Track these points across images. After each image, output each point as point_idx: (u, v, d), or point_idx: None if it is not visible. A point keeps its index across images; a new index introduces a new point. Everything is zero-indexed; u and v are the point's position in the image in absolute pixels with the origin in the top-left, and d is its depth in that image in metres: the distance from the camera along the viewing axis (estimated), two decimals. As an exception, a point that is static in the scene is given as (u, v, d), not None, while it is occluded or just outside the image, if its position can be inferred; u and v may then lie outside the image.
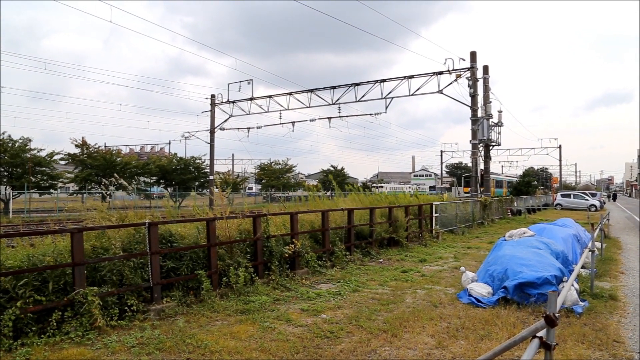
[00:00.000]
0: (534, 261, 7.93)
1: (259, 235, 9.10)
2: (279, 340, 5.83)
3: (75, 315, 6.08)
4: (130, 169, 40.06)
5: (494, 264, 8.39)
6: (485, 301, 7.55)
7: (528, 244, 8.91)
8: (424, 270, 10.82)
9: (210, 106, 35.87)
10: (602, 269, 10.36)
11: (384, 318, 6.80)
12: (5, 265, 6.07)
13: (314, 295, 8.15)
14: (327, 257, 11.01)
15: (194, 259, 8.11)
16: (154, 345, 5.61)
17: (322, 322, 6.60)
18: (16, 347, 5.43)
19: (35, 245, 7.04)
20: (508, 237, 9.92)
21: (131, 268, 7.04)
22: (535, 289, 7.33)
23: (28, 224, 23.07)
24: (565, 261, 8.88)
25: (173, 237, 8.13)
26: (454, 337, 5.99)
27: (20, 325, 5.73)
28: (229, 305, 7.35)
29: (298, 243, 9.85)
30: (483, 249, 14.47)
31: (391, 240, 14.23)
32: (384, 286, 9.07)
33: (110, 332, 6.06)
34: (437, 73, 26.35)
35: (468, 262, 11.89)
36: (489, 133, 26.56)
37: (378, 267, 11.19)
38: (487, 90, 26.41)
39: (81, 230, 6.51)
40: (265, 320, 6.63)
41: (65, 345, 5.62)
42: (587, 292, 7.97)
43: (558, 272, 7.58)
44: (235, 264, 8.40)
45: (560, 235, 10.47)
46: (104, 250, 7.08)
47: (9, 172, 31.61)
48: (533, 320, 6.56)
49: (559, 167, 67.82)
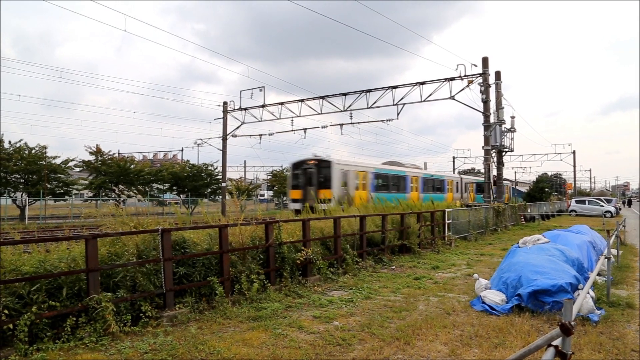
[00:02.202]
0: (548, 268, 7.83)
1: (271, 242, 9.11)
2: (291, 348, 5.82)
3: (89, 320, 6.13)
4: (143, 176, 40.39)
5: (508, 271, 8.30)
6: (499, 309, 7.47)
7: (542, 251, 8.80)
8: (436, 277, 10.74)
9: (223, 113, 36.08)
10: (619, 277, 10.20)
11: (396, 325, 6.76)
12: (20, 271, 6.16)
13: (326, 302, 8.13)
14: (339, 264, 10.99)
15: (206, 265, 8.15)
16: (166, 352, 5.63)
17: (334, 330, 6.58)
18: (31, 352, 5.49)
19: (51, 251, 7.12)
20: (522, 244, 9.81)
21: (144, 274, 7.10)
22: (550, 297, 7.24)
23: (43, 230, 23.35)
24: (581, 268, 8.75)
25: (186, 243, 8.17)
26: (467, 345, 5.93)
27: (35, 330, 5.80)
28: (241, 312, 7.36)
29: (310, 250, 9.85)
30: (496, 255, 14.34)
31: (403, 247, 14.16)
32: (397, 293, 9.02)
33: (123, 338, 6.11)
34: (449, 79, 26.26)
35: (481, 269, 11.78)
36: (502, 139, 26.36)
37: (390, 274, 11.14)
38: (500, 95, 26.24)
39: (95, 237, 6.57)
40: (277, 327, 6.63)
41: (79, 350, 5.67)
42: (603, 300, 7.85)
43: (573, 280, 7.48)
44: (247, 270, 8.42)
45: (575, 242, 10.34)
46: (118, 257, 7.15)
47: (25, 179, 32.05)
48: (548, 329, 6.47)
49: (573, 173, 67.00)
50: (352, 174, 26.33)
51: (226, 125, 36.16)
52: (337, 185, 24.79)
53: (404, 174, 32.56)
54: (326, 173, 25.12)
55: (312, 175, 25.54)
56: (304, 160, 26.14)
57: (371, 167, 28.89)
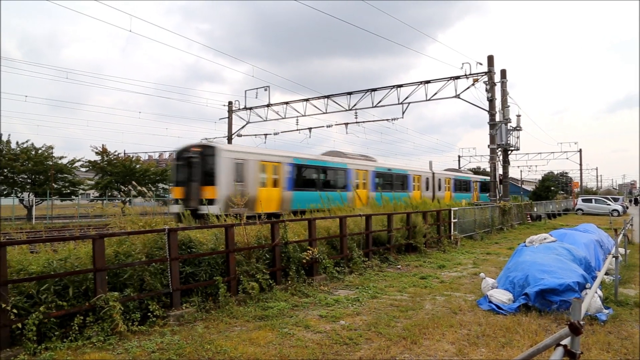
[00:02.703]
0: (555, 267, 7.80)
1: (277, 241, 9.12)
2: (298, 347, 5.82)
3: (96, 320, 6.16)
4: (149, 176, 40.51)
5: (515, 270, 8.27)
6: (506, 308, 7.45)
7: (549, 250, 8.77)
8: (443, 276, 10.72)
9: (228, 113, 36.16)
10: (627, 276, 10.14)
11: (403, 325, 6.75)
12: (28, 271, 6.20)
13: (332, 302, 8.14)
14: (345, 263, 10.99)
15: (212, 265, 8.17)
16: (173, 351, 5.65)
17: (340, 329, 6.58)
18: (40, 351, 5.53)
19: (58, 251, 7.16)
20: (528, 243, 9.77)
21: (151, 274, 7.12)
22: (558, 296, 7.21)
23: (50, 229, 23.47)
24: (588, 267, 8.71)
25: (192, 243, 8.20)
26: (474, 344, 5.92)
27: (43, 329, 5.84)
28: (247, 311, 7.38)
29: (316, 249, 9.85)
30: (503, 255, 14.29)
31: (409, 246, 14.13)
32: (403, 292, 9.01)
33: (130, 337, 6.13)
34: (454, 78, 26.19)
35: (487, 268, 11.75)
36: (508, 137, 26.26)
37: (396, 273, 11.12)
38: (505, 94, 26.16)
39: (102, 237, 6.60)
40: (283, 327, 6.64)
41: (87, 349, 5.69)
42: (611, 300, 7.81)
43: (581, 279, 7.45)
44: (253, 270, 8.44)
45: (582, 241, 10.29)
46: (125, 256, 7.18)
47: (32, 179, 32.23)
48: (555, 328, 6.45)
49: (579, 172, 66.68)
50: (253, 165, 19.74)
51: (231, 124, 36.24)
52: (225, 181, 18.29)
53: (343, 166, 25.51)
54: (210, 164, 18.56)
55: (195, 167, 18.93)
56: (189, 146, 19.51)
57: (287, 157, 21.77)
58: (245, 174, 19.35)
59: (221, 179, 18.27)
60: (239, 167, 19.13)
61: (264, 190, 20.01)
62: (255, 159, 19.89)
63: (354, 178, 26.11)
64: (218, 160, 18.43)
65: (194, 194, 18.33)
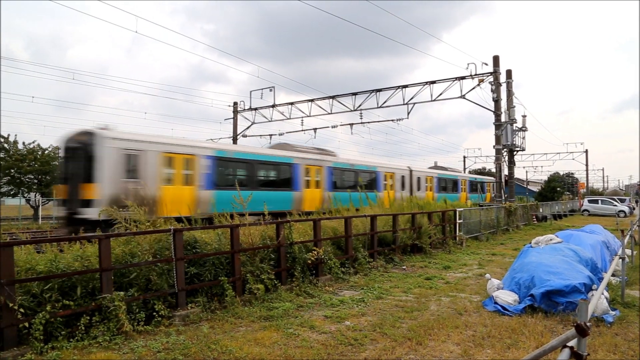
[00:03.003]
0: (561, 269, 7.77)
1: (282, 241, 9.13)
2: (303, 347, 5.83)
3: (102, 319, 6.19)
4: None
5: (520, 271, 8.24)
6: (512, 309, 7.42)
7: (555, 251, 8.73)
8: (448, 277, 10.70)
9: (233, 113, 36.23)
10: (633, 277, 10.08)
11: (408, 326, 6.74)
12: (35, 270, 6.23)
13: (337, 302, 8.14)
14: (350, 264, 10.98)
15: (217, 265, 8.19)
16: (179, 351, 5.67)
17: (345, 329, 6.58)
18: (47, 350, 5.56)
19: (64, 251, 7.20)
20: (534, 244, 9.74)
21: (157, 274, 7.15)
22: (564, 297, 7.18)
23: (57, 229, 23.59)
24: (594, 269, 8.67)
25: (197, 243, 8.22)
26: (480, 345, 5.90)
27: (50, 329, 5.87)
28: (252, 312, 7.39)
29: (321, 250, 9.85)
30: (508, 255, 14.24)
31: (414, 247, 14.11)
32: (408, 293, 9.00)
33: (136, 337, 6.16)
34: (460, 78, 26.13)
35: (493, 269, 11.72)
36: (513, 138, 26.17)
37: (401, 274, 11.11)
38: (511, 94, 26.06)
39: (108, 237, 6.63)
40: (289, 327, 6.64)
41: (93, 349, 5.72)
42: (617, 301, 7.77)
43: (587, 280, 7.41)
44: (258, 270, 8.45)
45: (589, 242, 10.24)
46: (132, 256, 7.21)
47: (39, 180, 32.41)
48: (561, 330, 6.42)
49: (585, 172, 66.33)
50: (153, 158, 15.76)
51: (236, 125, 36.30)
52: (110, 177, 14.59)
53: (286, 161, 21.22)
54: (89, 155, 14.60)
55: (76, 159, 15.31)
56: (72, 133, 15.71)
57: (206, 149, 17.81)
58: (142, 169, 15.40)
59: (104, 174, 14.44)
60: (132, 159, 15.24)
61: (171, 189, 16.00)
62: (156, 150, 15.90)
63: (303, 175, 21.80)
64: (100, 150, 14.52)
65: (73, 194, 14.83)
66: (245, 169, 19.51)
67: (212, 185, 17.43)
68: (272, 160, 20.80)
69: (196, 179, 16.95)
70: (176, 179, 16.45)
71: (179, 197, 16.12)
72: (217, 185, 17.63)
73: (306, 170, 22.01)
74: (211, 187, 17.41)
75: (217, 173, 17.87)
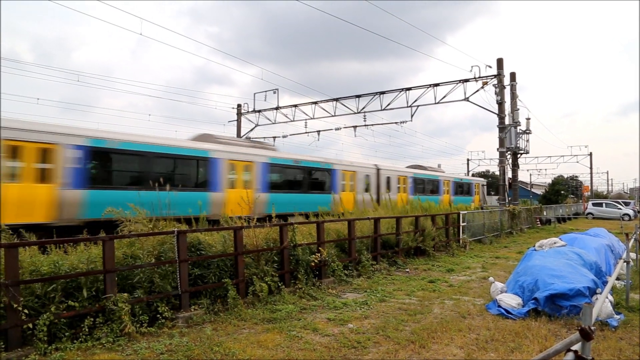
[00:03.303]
0: (565, 272, 7.74)
1: (286, 244, 9.13)
2: (306, 350, 5.82)
3: (106, 321, 6.21)
4: None
5: (524, 274, 8.22)
6: (515, 312, 7.40)
7: (559, 255, 8.70)
8: (451, 280, 10.68)
9: (237, 115, 36.32)
10: (638, 281, 10.01)
11: (411, 329, 6.73)
12: (40, 272, 6.25)
13: (340, 305, 8.13)
14: (354, 267, 10.97)
15: (221, 267, 8.20)
16: (182, 353, 5.67)
17: (349, 332, 6.57)
18: (50, 351, 5.57)
19: (69, 252, 7.22)
20: (538, 247, 9.71)
21: (161, 275, 7.16)
22: (568, 301, 7.16)
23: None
24: (599, 272, 8.63)
25: (201, 245, 8.24)
26: (483, 349, 5.88)
27: (54, 330, 5.89)
28: (255, 314, 7.39)
29: (324, 252, 9.85)
30: (512, 259, 14.20)
31: (418, 250, 14.09)
32: (411, 296, 8.98)
33: (139, 339, 6.17)
34: (463, 80, 26.13)
35: (496, 272, 11.68)
36: (517, 141, 26.14)
37: (405, 276, 11.09)
38: (515, 97, 26.04)
39: (112, 239, 6.65)
40: (292, 330, 6.64)
41: (96, 350, 5.74)
42: (622, 305, 7.73)
43: (591, 284, 7.38)
44: (262, 272, 8.45)
45: (593, 245, 10.20)
46: (135, 258, 7.23)
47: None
48: (565, 333, 6.40)
49: (589, 175, 66.15)
50: None
51: (240, 127, 36.37)
52: None
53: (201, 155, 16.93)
54: None
55: None
56: None
57: (72, 136, 13.48)
58: None
59: None
60: None
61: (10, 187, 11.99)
62: None
63: (226, 172, 17.69)
64: None
65: None
66: (138, 163, 15.10)
67: (83, 183, 13.57)
68: (176, 154, 16.19)
69: (58, 175, 13.00)
70: (26, 173, 12.48)
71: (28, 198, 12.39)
72: (93, 184, 13.85)
73: (230, 167, 17.89)
74: (82, 185, 13.51)
75: (93, 168, 14.11)
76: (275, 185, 19.91)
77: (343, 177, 23.95)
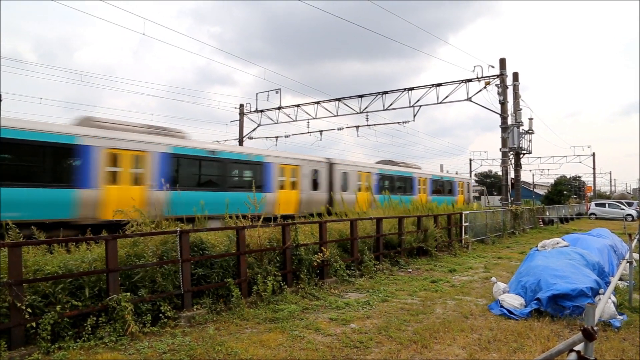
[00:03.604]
0: (568, 272, 7.73)
1: (288, 244, 9.14)
2: (308, 350, 5.83)
3: (109, 320, 6.23)
4: None
5: (527, 274, 8.21)
6: (518, 313, 7.39)
7: (562, 255, 8.69)
8: (453, 280, 10.67)
9: (239, 115, 36.33)
10: (641, 282, 10.00)
11: (413, 329, 6.73)
12: (44, 271, 6.28)
13: (342, 305, 8.13)
14: (356, 266, 10.97)
15: (224, 267, 8.21)
16: (184, 352, 5.69)
17: (351, 332, 6.58)
18: (54, 350, 5.60)
19: (71, 252, 7.25)
20: (541, 247, 9.70)
21: (164, 275, 7.18)
22: (570, 301, 7.15)
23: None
24: (601, 273, 8.61)
25: (204, 244, 8.25)
26: (485, 349, 5.88)
27: (57, 329, 5.91)
28: (258, 314, 7.40)
29: (327, 252, 9.86)
30: (514, 259, 14.18)
31: (420, 250, 14.08)
32: (413, 296, 8.98)
33: (142, 338, 6.18)
34: (466, 80, 26.08)
35: (499, 272, 11.67)
36: (520, 141, 26.07)
37: (407, 276, 11.09)
38: (517, 97, 25.99)
39: (115, 238, 6.67)
40: (294, 329, 6.65)
41: (99, 349, 5.75)
42: (625, 306, 7.71)
43: (594, 284, 7.37)
44: (264, 272, 8.46)
45: (596, 245, 10.18)
46: (138, 257, 7.24)
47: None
48: (568, 334, 6.39)
49: (592, 175, 66.01)
50: None
51: (242, 127, 36.39)
52: None
53: (64, 141, 13.08)
54: None
55: None
56: None
57: None
58: None
59: None
60: None
61: None
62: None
63: (104, 164, 14.01)
64: None
65: None
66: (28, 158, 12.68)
67: None
68: (27, 139, 12.34)
69: None
70: None
71: None
72: None
73: (112, 157, 14.28)
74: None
75: None
76: (181, 182, 16.22)
77: (281, 172, 20.41)
